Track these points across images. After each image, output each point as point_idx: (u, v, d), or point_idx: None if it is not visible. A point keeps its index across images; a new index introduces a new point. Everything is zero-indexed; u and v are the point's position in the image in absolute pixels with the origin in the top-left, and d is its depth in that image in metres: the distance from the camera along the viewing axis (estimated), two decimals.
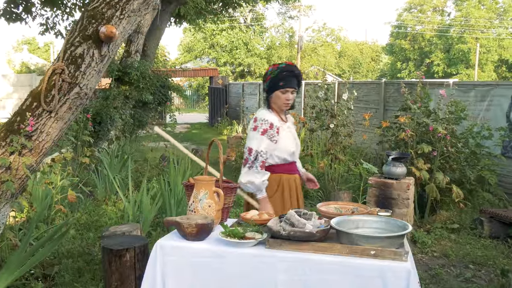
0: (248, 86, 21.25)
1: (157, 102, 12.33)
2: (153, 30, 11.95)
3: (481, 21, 38.58)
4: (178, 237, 3.04)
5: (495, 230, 6.49)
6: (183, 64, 40.45)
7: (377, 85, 11.98)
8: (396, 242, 2.81)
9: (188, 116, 30.26)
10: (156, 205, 6.03)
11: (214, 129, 21.54)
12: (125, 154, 9.37)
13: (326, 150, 8.73)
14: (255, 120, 3.73)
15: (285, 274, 2.79)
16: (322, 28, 49.29)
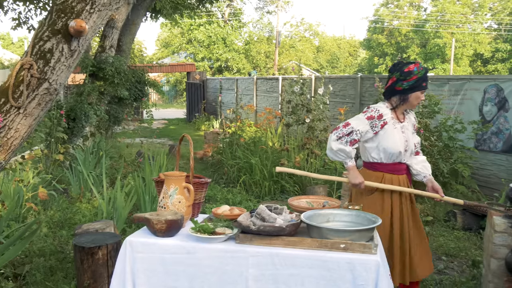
0: (225, 82, 21.19)
1: (133, 98, 12.23)
2: (128, 25, 11.83)
3: (457, 16, 38.99)
4: (148, 233, 3.01)
5: (468, 222, 6.58)
6: (161, 59, 40.24)
7: (353, 80, 12.04)
8: (366, 235, 2.83)
9: (165, 111, 30.10)
10: (130, 202, 5.98)
11: (191, 124, 21.45)
12: (100, 150, 9.27)
13: (302, 145, 8.76)
14: (368, 107, 3.73)
15: (256, 269, 2.80)
16: (300, 23, 49.37)
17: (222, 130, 10.57)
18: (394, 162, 3.73)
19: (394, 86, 3.67)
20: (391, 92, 3.71)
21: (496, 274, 3.88)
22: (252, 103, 17.71)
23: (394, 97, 3.70)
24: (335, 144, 3.63)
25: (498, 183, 7.82)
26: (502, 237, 3.82)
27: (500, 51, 38.31)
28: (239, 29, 38.72)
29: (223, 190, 8.29)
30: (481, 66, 40.07)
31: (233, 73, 35.89)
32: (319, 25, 64.45)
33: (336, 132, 3.63)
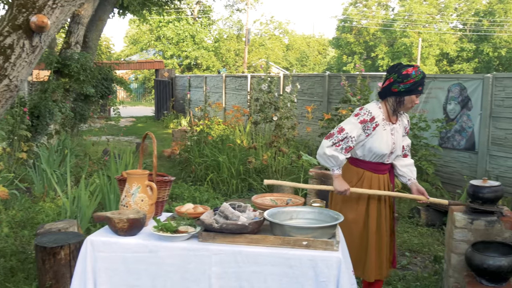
0: (194, 79, 21.09)
1: (100, 95, 12.09)
2: (95, 21, 11.67)
3: (423, 16, 39.59)
4: (110, 232, 2.98)
5: (432, 218, 6.69)
6: (129, 56, 39.80)
7: (321, 78, 12.11)
8: (328, 232, 2.85)
9: (133, 109, 29.81)
10: (95, 201, 5.90)
11: (160, 122, 21.29)
12: (65, 148, 9.13)
13: (270, 143, 8.78)
14: (361, 108, 3.70)
15: (219, 267, 2.80)
16: (269, 21, 49.37)
17: (190, 128, 10.52)
18: (377, 161, 3.76)
19: (390, 87, 3.66)
20: (387, 93, 3.71)
21: (456, 269, 3.95)
22: (221, 101, 17.68)
23: (390, 98, 3.70)
24: (329, 150, 3.61)
25: (461, 180, 7.98)
26: (462, 233, 3.89)
27: (465, 50, 39.05)
28: (208, 26, 38.57)
29: (190, 188, 8.25)
30: (447, 66, 40.77)
31: (202, 70, 35.73)
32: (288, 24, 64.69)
33: (332, 139, 3.62)
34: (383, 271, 3.79)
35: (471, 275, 3.77)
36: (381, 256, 3.76)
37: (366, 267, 3.73)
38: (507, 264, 3.48)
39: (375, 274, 3.74)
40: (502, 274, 3.51)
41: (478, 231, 3.86)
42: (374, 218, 3.76)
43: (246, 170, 8.62)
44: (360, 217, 3.74)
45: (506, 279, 3.58)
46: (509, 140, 7.44)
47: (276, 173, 8.48)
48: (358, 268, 3.68)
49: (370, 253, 3.72)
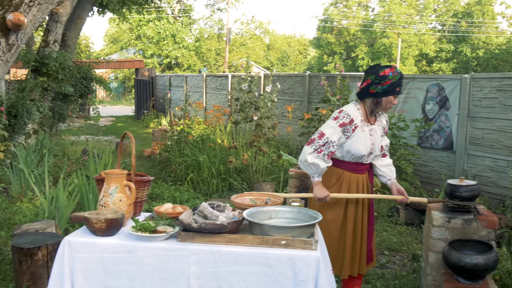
0: (175, 79, 21.01)
1: (79, 94, 11.96)
2: (74, 20, 11.55)
3: (403, 17, 39.93)
4: (88, 233, 2.95)
5: (410, 217, 6.76)
6: (109, 55, 39.46)
7: (301, 78, 12.15)
8: (307, 232, 2.86)
9: (113, 108, 29.59)
10: (73, 201, 5.84)
11: (140, 122, 21.16)
12: (43, 148, 9.03)
13: (250, 142, 8.78)
14: (340, 111, 3.71)
15: (198, 267, 2.79)
16: (250, 21, 49.37)
17: (171, 127, 10.47)
18: (355, 162, 3.79)
19: (368, 88, 3.68)
20: (365, 94, 3.73)
21: (434, 267, 3.99)
22: (202, 101, 17.63)
23: (368, 99, 3.73)
24: (310, 157, 3.63)
25: (439, 179, 8.07)
26: (440, 231, 3.93)
27: (444, 51, 39.48)
28: (189, 25, 38.44)
29: (171, 188, 8.22)
30: (426, 66, 41.16)
31: (183, 69, 35.59)
32: (269, 23, 64.67)
33: (313, 145, 3.63)
34: (356, 268, 3.85)
35: (448, 273, 3.81)
36: (355, 254, 3.82)
37: (343, 265, 3.79)
38: (483, 262, 3.52)
39: (348, 270, 3.81)
40: (478, 272, 3.56)
41: (455, 229, 3.91)
42: (352, 217, 3.81)
43: (226, 170, 8.61)
44: (339, 216, 3.78)
45: (483, 277, 3.63)
46: (486, 140, 7.54)
47: (256, 172, 8.48)
48: (336, 266, 3.72)
49: (346, 251, 3.78)
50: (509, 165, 7.09)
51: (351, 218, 3.79)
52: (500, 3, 42.01)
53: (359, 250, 3.84)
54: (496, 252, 3.65)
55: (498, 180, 7.32)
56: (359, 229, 3.84)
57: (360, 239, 3.85)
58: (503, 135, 7.28)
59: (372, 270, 5.08)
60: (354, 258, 3.82)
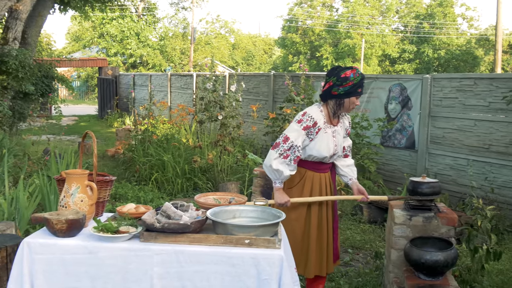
0: (139, 78, 20.81)
1: (40, 93, 11.74)
2: (34, 17, 11.33)
3: (366, 18, 40.44)
4: (48, 234, 2.90)
5: (374, 215, 6.85)
6: (71, 53, 38.82)
7: (266, 77, 12.18)
8: (270, 231, 2.87)
9: (76, 107, 29.15)
10: (34, 202, 5.73)
11: (103, 121, 20.89)
12: (3, 148, 8.81)
13: (215, 142, 8.76)
14: (303, 114, 3.72)
15: (161, 267, 2.77)
16: (215, 20, 49.31)
17: (135, 127, 10.37)
18: (319, 162, 3.84)
19: (330, 90, 3.72)
20: (328, 96, 3.76)
21: (396, 264, 4.06)
22: (166, 100, 17.51)
23: (331, 100, 3.76)
24: (275, 162, 3.64)
25: (402, 178, 8.20)
26: (401, 229, 4.00)
27: (407, 52, 40.15)
28: (153, 24, 38.09)
29: (135, 188, 8.14)
30: (389, 66, 41.81)
31: (148, 68, 35.26)
32: (234, 23, 64.65)
33: (278, 150, 3.65)
34: (324, 268, 3.88)
35: (410, 270, 3.88)
36: (322, 253, 3.85)
37: (308, 264, 3.81)
38: (443, 258, 3.60)
39: (314, 270, 3.83)
40: (438, 268, 3.63)
41: (416, 227, 3.98)
42: (316, 217, 3.84)
43: (191, 169, 8.57)
44: (302, 215, 3.81)
45: (443, 273, 3.70)
46: (447, 139, 7.71)
47: (221, 172, 8.47)
48: (300, 265, 3.74)
49: (311, 251, 3.80)
50: (468, 163, 7.26)
51: (315, 217, 3.83)
52: (461, 5, 43.03)
53: (325, 249, 3.87)
54: (456, 249, 3.73)
55: (458, 178, 7.49)
56: (324, 228, 3.87)
57: (326, 238, 3.88)
58: (462, 134, 7.45)
59: (336, 268, 5.12)
60: (321, 257, 3.85)
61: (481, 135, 7.17)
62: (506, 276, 4.87)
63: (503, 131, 6.85)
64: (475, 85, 7.27)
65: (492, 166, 6.99)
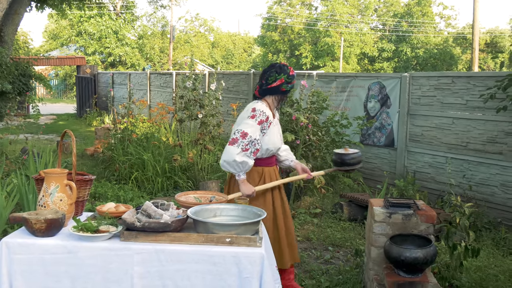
0: (118, 76, 20.64)
1: (17, 92, 11.54)
2: (11, 15, 11.14)
3: (345, 17, 40.67)
4: (27, 233, 2.87)
5: (354, 213, 6.89)
6: (48, 52, 38.34)
7: (246, 76, 12.18)
8: (251, 229, 2.87)
9: (55, 106, 28.85)
10: (12, 201, 5.66)
11: (82, 120, 20.68)
12: None
13: (196, 140, 8.73)
14: (253, 110, 3.86)
15: (141, 266, 2.76)
16: (195, 18, 49.22)
17: (114, 125, 10.28)
18: (270, 156, 4.04)
19: (280, 87, 3.93)
20: (275, 91, 3.97)
21: (376, 262, 4.09)
22: (146, 98, 17.41)
23: (274, 96, 3.99)
24: (239, 156, 3.73)
25: (382, 176, 8.27)
26: (381, 227, 4.03)
27: (386, 51, 40.47)
28: (132, 22, 37.81)
29: (114, 187, 8.08)
30: (368, 65, 42.12)
31: (127, 68, 34.99)
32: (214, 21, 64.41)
33: (238, 144, 3.74)
34: (295, 255, 4.12)
35: (389, 267, 3.92)
36: (290, 240, 4.07)
37: (282, 255, 3.94)
38: (422, 256, 3.64)
39: (289, 259, 4.00)
40: (418, 266, 3.67)
41: (396, 224, 4.02)
42: (279, 205, 4.04)
43: (171, 168, 8.53)
44: (269, 210, 3.94)
45: (422, 270, 3.74)
46: (425, 137, 7.79)
47: (202, 170, 8.45)
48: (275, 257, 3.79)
49: (282, 240, 3.96)
50: (447, 161, 7.34)
51: (278, 206, 4.03)
52: (438, 4, 43.48)
53: (292, 235, 4.13)
54: (435, 246, 3.77)
55: (437, 176, 7.57)
56: (289, 219, 4.12)
57: (290, 225, 4.13)
58: (441, 132, 7.54)
59: (316, 266, 5.16)
60: (292, 245, 4.08)
61: (459, 133, 7.26)
62: (484, 272, 4.93)
63: (480, 129, 6.94)
64: (453, 84, 7.36)
65: (470, 163, 7.08)
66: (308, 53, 40.21)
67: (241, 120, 3.87)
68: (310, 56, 39.82)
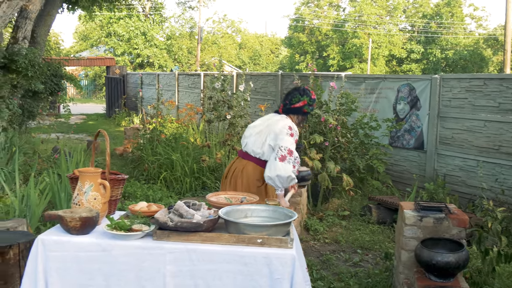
0: (146, 77, 20.84)
1: (49, 92, 11.78)
2: (43, 16, 11.37)
3: (373, 17, 40.34)
4: (62, 231, 2.92)
5: (382, 216, 6.83)
6: (79, 52, 38.94)
7: (274, 77, 12.18)
8: (282, 230, 2.87)
9: (84, 106, 29.24)
10: (45, 199, 5.76)
11: (111, 120, 20.93)
12: (13, 146, 8.87)
13: (224, 141, 8.77)
14: (290, 128, 4.07)
15: (173, 265, 2.78)
16: (222, 19, 49.36)
17: (143, 125, 10.39)
18: None
19: (303, 108, 4.23)
20: (297, 112, 4.25)
21: (406, 265, 4.05)
22: (174, 99, 17.54)
23: (296, 116, 4.27)
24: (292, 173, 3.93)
25: (411, 178, 8.18)
26: (412, 230, 4.00)
27: (414, 52, 40.02)
28: (160, 23, 38.15)
29: (143, 186, 8.16)
30: (396, 66, 41.68)
31: (155, 69, 35.31)
32: (241, 22, 64.71)
33: (289, 161, 3.92)
34: None
35: (420, 271, 3.88)
36: None
37: None
38: (454, 260, 3.59)
39: None
40: (450, 270, 3.62)
41: (427, 228, 3.97)
42: None
43: (199, 169, 8.58)
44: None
45: (454, 275, 3.70)
46: (456, 140, 7.68)
47: None
48: None
49: None
50: (478, 164, 7.23)
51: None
52: (469, 5, 42.84)
53: None
54: (467, 250, 3.72)
55: (468, 179, 7.46)
56: None
57: None
58: (472, 135, 7.43)
59: (345, 268, 5.14)
60: None
61: (491, 136, 7.14)
62: None
63: None
64: (485, 86, 7.24)
65: (502, 167, 6.97)
66: (336, 54, 39.98)
67: (277, 135, 4.02)
68: (338, 57, 39.59)
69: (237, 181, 4.17)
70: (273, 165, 3.91)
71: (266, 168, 3.96)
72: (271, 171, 3.90)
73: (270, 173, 3.90)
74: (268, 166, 3.96)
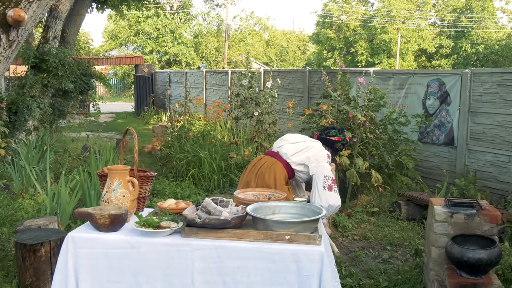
0: (174, 75, 20.97)
1: (79, 91, 11.94)
2: (73, 16, 11.53)
3: (402, 12, 39.83)
4: (91, 228, 2.96)
5: (412, 213, 6.75)
6: (108, 51, 39.40)
7: (301, 74, 12.13)
8: (310, 227, 2.86)
9: (113, 105, 29.59)
10: (75, 197, 5.85)
11: (140, 118, 21.14)
12: (44, 145, 9.03)
13: (251, 138, 8.77)
14: (328, 156, 4.24)
15: (201, 262, 2.79)
16: (249, 16, 49.37)
17: (171, 123, 10.46)
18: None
19: (335, 143, 4.47)
20: (329, 145, 4.46)
21: (437, 262, 4.00)
22: (202, 97, 17.62)
23: (327, 148, 4.39)
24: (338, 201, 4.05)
25: (441, 175, 8.06)
26: (442, 226, 3.94)
27: (444, 47, 39.40)
28: (188, 21, 38.35)
29: (172, 184, 8.21)
30: (425, 61, 41.10)
31: (182, 67, 35.52)
32: (268, 19, 64.36)
33: (335, 190, 4.06)
34: None
35: (451, 268, 3.82)
36: None
37: None
38: (486, 257, 3.53)
39: None
40: (481, 267, 3.56)
41: (458, 224, 3.91)
42: None
43: (227, 166, 8.60)
44: None
45: (486, 272, 3.63)
46: (487, 135, 7.54)
47: None
48: None
49: None
50: (510, 160, 7.08)
51: None
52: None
53: None
54: (499, 247, 3.65)
55: (499, 175, 7.32)
56: None
57: None
58: (504, 130, 7.28)
59: (374, 265, 5.09)
60: None
61: None
62: None
63: None
64: None
65: None
66: (364, 50, 39.62)
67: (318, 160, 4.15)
68: (366, 53, 39.23)
69: (264, 176, 4.17)
70: (323, 195, 3.97)
71: (315, 196, 3.99)
72: (321, 200, 3.94)
73: (322, 202, 3.94)
74: (316, 194, 3.99)
